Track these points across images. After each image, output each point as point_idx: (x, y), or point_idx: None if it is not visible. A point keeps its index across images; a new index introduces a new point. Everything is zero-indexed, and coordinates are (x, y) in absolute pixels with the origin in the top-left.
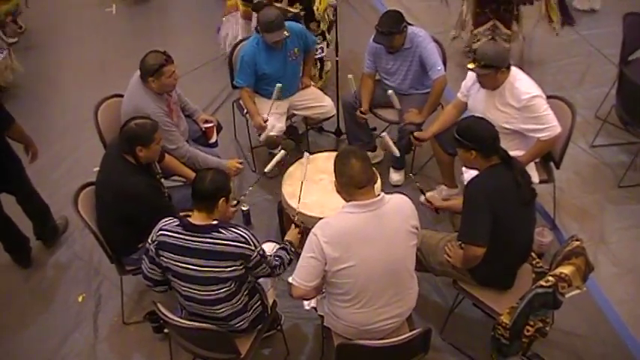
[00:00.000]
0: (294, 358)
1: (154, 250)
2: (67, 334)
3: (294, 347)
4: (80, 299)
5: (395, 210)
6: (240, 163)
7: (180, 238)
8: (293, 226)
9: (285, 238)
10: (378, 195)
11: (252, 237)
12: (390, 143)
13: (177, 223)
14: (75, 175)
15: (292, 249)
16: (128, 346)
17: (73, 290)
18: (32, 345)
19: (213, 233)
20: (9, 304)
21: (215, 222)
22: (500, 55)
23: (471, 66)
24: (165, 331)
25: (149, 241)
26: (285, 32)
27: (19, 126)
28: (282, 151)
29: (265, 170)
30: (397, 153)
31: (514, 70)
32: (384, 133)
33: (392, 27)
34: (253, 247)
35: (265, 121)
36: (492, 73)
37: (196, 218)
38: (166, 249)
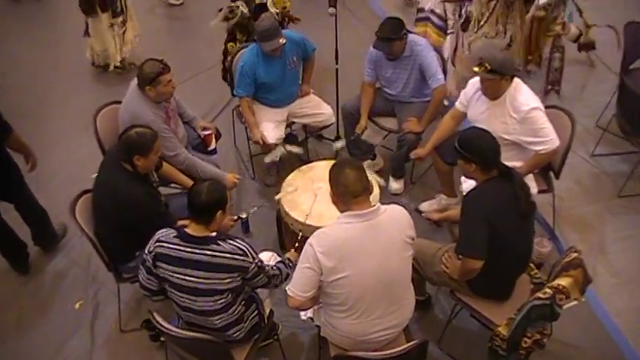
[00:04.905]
0: None
1: (150, 260)
2: (64, 341)
3: (291, 356)
4: (77, 306)
5: (391, 220)
6: (238, 178)
7: (178, 250)
8: (293, 249)
9: (286, 255)
10: (374, 205)
11: (249, 249)
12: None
13: (174, 234)
14: (73, 182)
15: (291, 264)
16: (125, 354)
17: (71, 297)
18: (29, 351)
19: (212, 245)
20: (6, 310)
21: (214, 234)
22: (508, 62)
23: (476, 69)
24: (162, 339)
25: (146, 251)
26: (282, 40)
27: (18, 135)
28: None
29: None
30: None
31: (516, 80)
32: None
33: (391, 33)
34: (251, 259)
35: (263, 139)
36: (497, 79)
37: (194, 229)
38: (164, 260)
